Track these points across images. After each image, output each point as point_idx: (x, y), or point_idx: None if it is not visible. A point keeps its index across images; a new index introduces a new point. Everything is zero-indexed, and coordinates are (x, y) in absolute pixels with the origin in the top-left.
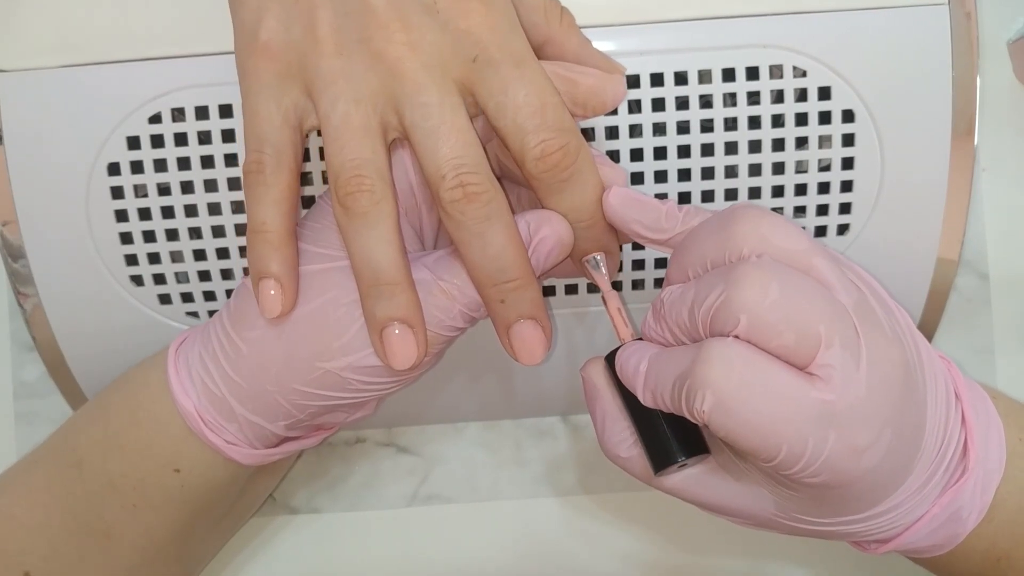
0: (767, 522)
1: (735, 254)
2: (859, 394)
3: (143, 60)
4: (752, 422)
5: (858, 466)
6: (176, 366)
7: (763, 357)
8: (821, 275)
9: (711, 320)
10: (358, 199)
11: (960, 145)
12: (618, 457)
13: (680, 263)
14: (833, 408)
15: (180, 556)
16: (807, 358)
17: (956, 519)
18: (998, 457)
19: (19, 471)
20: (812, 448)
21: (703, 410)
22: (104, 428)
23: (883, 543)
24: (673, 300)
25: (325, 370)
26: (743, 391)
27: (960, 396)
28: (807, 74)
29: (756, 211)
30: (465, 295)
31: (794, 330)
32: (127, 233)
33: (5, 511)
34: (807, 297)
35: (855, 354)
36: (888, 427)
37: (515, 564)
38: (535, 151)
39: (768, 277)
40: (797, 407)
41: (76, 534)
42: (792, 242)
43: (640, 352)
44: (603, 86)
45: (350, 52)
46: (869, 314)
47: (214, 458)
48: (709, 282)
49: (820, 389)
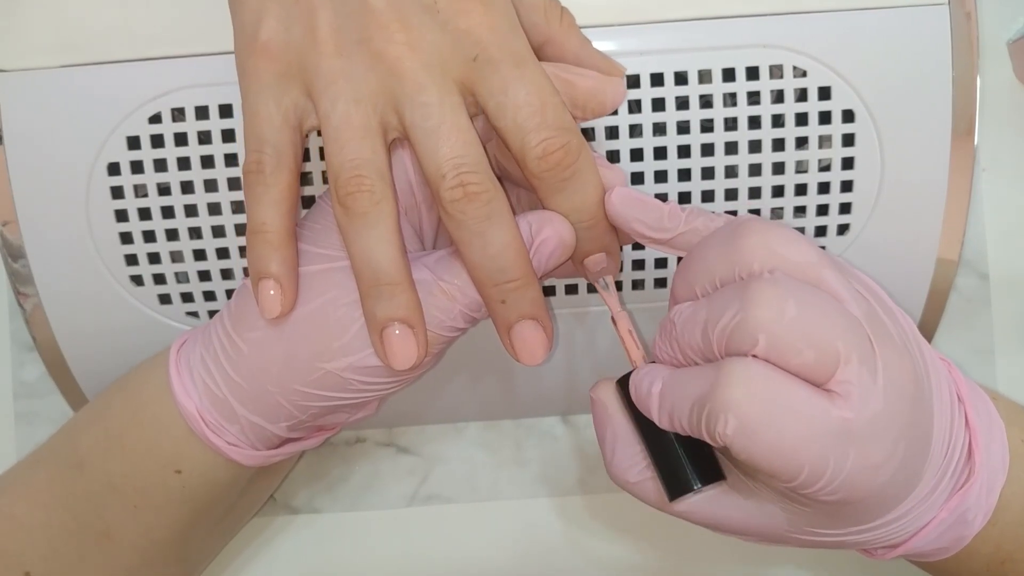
0: (778, 538)
1: (745, 269)
2: (877, 409)
3: (143, 60)
4: (775, 444)
5: (875, 481)
6: (178, 367)
7: (783, 377)
8: (831, 287)
9: (728, 340)
10: (358, 199)
11: (960, 145)
12: (627, 483)
13: (686, 279)
14: (852, 426)
15: (181, 556)
16: (826, 375)
17: (963, 522)
18: (1001, 458)
19: (20, 471)
20: (833, 467)
21: (726, 433)
22: (105, 429)
23: (891, 549)
24: (684, 320)
25: (326, 371)
26: (766, 413)
27: (962, 398)
28: (807, 74)
29: (762, 224)
30: (466, 295)
31: (813, 348)
32: (127, 233)
33: (6, 511)
34: (824, 313)
35: (872, 369)
36: (902, 440)
37: (515, 564)
38: (537, 150)
39: (784, 295)
40: (819, 427)
41: (76, 534)
42: (802, 255)
43: (653, 374)
44: (602, 88)
45: (350, 52)
46: (880, 326)
47: (215, 459)
48: (722, 301)
49: (840, 407)
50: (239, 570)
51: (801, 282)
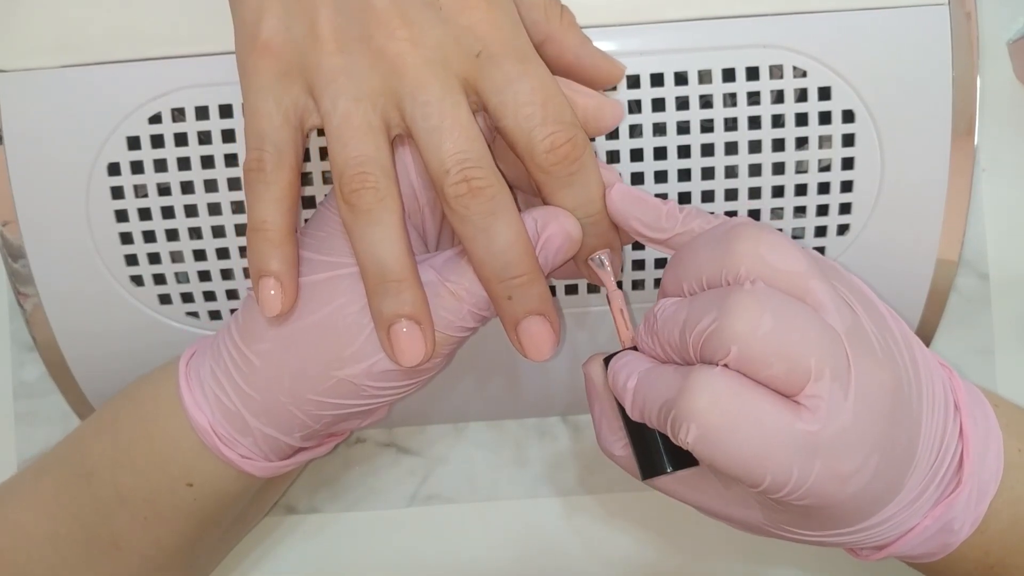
0: (757, 529)
1: (732, 274)
2: (845, 423)
3: (143, 60)
4: (736, 454)
5: (843, 491)
6: (188, 381)
7: (749, 388)
8: (817, 298)
9: (702, 346)
10: (363, 196)
11: (960, 145)
12: (613, 455)
13: (676, 275)
14: (817, 439)
15: (188, 564)
16: (796, 388)
17: (948, 530)
18: (995, 468)
19: (26, 479)
20: (797, 477)
21: (687, 441)
22: (114, 441)
23: (876, 550)
24: (666, 318)
25: (339, 379)
26: (727, 424)
27: (959, 407)
28: (807, 74)
29: (755, 230)
30: (473, 295)
31: (784, 362)
32: (127, 233)
33: (11, 519)
34: (800, 328)
35: (844, 384)
36: (875, 453)
37: (515, 564)
38: (544, 144)
39: (761, 308)
40: (781, 439)
41: (84, 544)
42: (790, 264)
43: (631, 366)
44: (601, 106)
45: (351, 50)
46: (862, 338)
47: (227, 471)
48: (703, 306)
49: (806, 420)
50: (239, 570)
51: (783, 295)
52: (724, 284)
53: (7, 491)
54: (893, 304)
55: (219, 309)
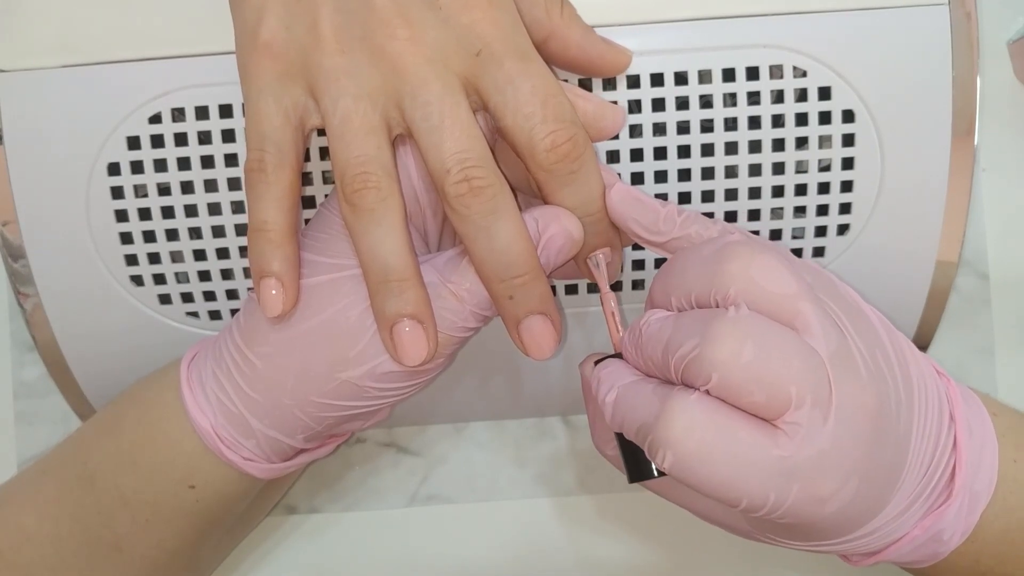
0: (747, 534)
1: (720, 294)
2: (823, 447)
3: (143, 60)
4: (712, 479)
5: (823, 512)
6: (190, 384)
7: (726, 416)
8: (805, 320)
9: (684, 370)
10: (364, 196)
11: (960, 145)
12: (606, 455)
13: (664, 286)
14: (793, 463)
15: (190, 565)
16: (776, 414)
17: (937, 540)
18: (988, 479)
19: (27, 481)
20: (774, 500)
21: (664, 466)
22: (116, 444)
23: (866, 556)
24: (650, 335)
25: (342, 380)
26: (702, 452)
27: (955, 418)
28: (807, 74)
29: (747, 250)
30: (475, 295)
31: (765, 390)
32: (127, 233)
33: (13, 521)
34: (781, 357)
35: (824, 411)
36: (855, 475)
37: (515, 564)
38: (545, 142)
39: (744, 336)
40: (757, 464)
41: (86, 546)
42: (780, 286)
43: (613, 377)
44: (603, 112)
45: (352, 49)
46: (847, 361)
47: (229, 474)
48: (686, 329)
49: (783, 446)
50: (240, 570)
51: (767, 321)
52: (712, 303)
53: (8, 493)
54: (893, 304)
55: (219, 309)
